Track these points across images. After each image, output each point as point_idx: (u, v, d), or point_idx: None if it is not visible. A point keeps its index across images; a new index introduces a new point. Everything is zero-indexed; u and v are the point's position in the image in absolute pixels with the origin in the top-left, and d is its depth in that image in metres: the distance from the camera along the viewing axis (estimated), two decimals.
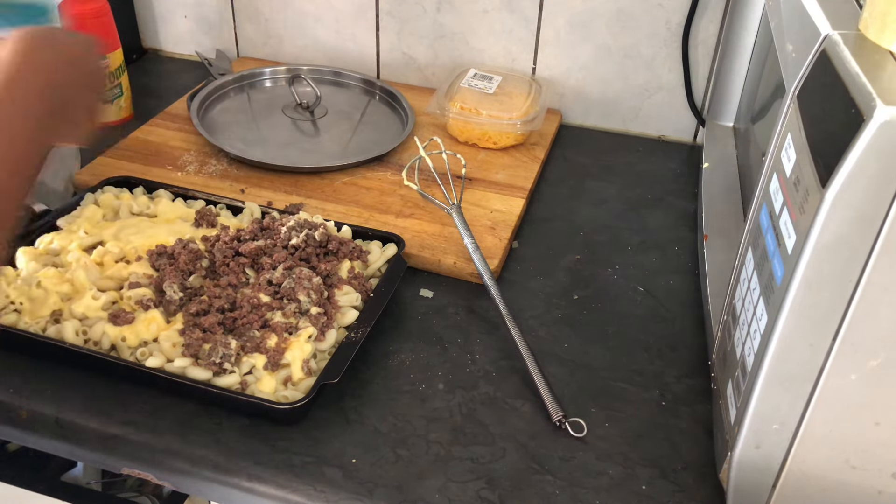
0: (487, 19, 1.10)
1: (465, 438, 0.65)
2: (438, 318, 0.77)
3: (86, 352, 0.66)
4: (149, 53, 1.29)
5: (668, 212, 0.95)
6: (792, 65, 0.56)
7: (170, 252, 0.75)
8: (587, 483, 0.62)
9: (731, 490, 0.58)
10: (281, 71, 1.15)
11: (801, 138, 0.50)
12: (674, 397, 0.70)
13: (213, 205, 0.85)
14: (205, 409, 0.66)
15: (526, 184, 0.96)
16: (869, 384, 0.49)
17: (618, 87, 1.10)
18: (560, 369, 0.72)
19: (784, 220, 0.51)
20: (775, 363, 0.51)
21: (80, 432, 0.65)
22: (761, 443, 0.54)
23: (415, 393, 0.69)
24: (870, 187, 0.43)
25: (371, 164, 0.98)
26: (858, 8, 0.54)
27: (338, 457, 0.63)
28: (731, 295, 0.64)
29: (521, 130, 1.01)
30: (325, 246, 0.77)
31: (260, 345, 0.67)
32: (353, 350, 0.67)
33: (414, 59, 1.17)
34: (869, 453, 0.52)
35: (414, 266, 0.83)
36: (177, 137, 1.01)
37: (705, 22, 1.03)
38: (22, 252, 0.75)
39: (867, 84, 0.44)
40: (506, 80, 1.07)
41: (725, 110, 0.96)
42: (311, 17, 1.18)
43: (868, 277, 0.45)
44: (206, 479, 0.62)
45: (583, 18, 1.06)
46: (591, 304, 0.80)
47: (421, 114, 1.08)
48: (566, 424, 0.66)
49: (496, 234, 0.87)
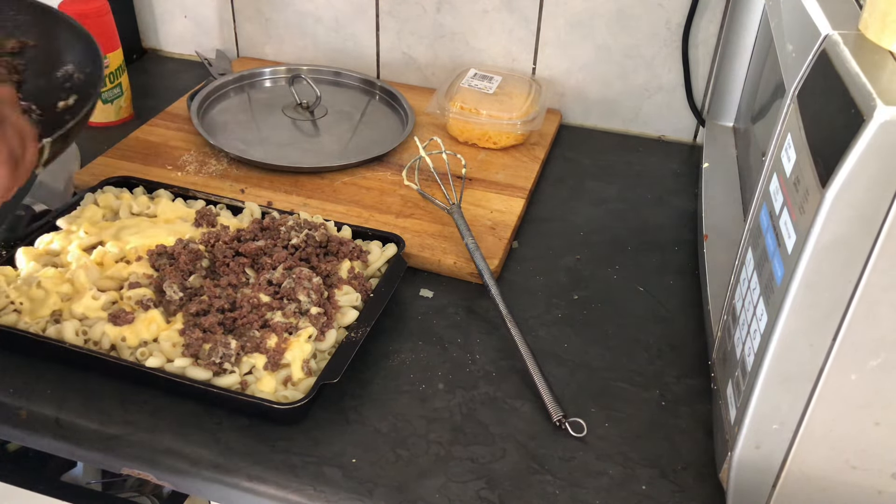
0: (487, 19, 1.10)
1: (465, 438, 0.65)
2: (438, 318, 0.77)
3: (86, 352, 0.66)
4: (149, 53, 1.29)
5: (668, 212, 0.95)
6: (792, 65, 0.56)
7: (170, 252, 0.75)
8: (587, 483, 0.62)
9: (731, 490, 0.58)
10: (281, 71, 1.15)
11: (801, 138, 0.50)
12: (674, 397, 0.70)
13: (213, 205, 0.85)
14: (205, 409, 0.66)
15: (526, 184, 0.96)
16: (869, 384, 0.49)
17: (618, 87, 1.10)
18: (560, 369, 0.72)
19: (784, 220, 0.51)
20: (775, 363, 0.51)
21: (80, 432, 0.65)
22: (761, 443, 0.54)
23: (415, 393, 0.69)
24: (870, 187, 0.43)
25: (371, 164, 0.98)
26: (858, 8, 0.54)
27: (338, 457, 0.63)
28: (731, 295, 0.64)
29: (521, 130, 1.01)
30: (325, 246, 0.77)
31: (260, 345, 0.67)
32: (353, 350, 0.67)
33: (414, 59, 1.17)
34: (869, 453, 0.52)
35: (414, 266, 0.83)
36: (177, 137, 1.01)
37: (705, 22, 1.03)
38: (22, 252, 0.75)
39: (867, 84, 0.44)
40: (506, 80, 1.07)
41: (725, 110, 0.96)
42: (311, 17, 1.18)
43: (868, 277, 0.45)
44: (205, 480, 0.62)
45: (583, 18, 1.06)
46: (591, 304, 0.80)
47: (421, 114, 1.08)
48: (566, 424, 0.66)
49: (496, 234, 0.87)
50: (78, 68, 0.78)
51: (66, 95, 0.76)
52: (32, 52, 0.80)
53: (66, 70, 0.78)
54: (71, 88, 0.77)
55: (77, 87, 0.77)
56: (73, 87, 0.77)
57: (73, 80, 0.78)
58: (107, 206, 0.83)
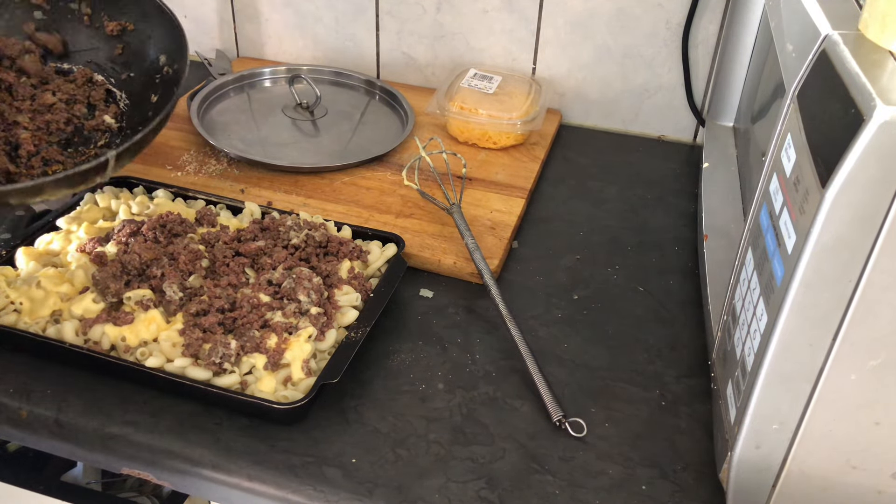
0: (487, 19, 1.10)
1: (465, 438, 0.65)
2: (438, 318, 0.77)
3: (86, 352, 0.66)
4: None
5: (668, 212, 0.95)
6: (792, 65, 0.56)
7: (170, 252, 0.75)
8: (587, 483, 0.62)
9: (731, 490, 0.58)
10: (281, 71, 1.15)
11: (801, 138, 0.50)
12: (674, 397, 0.70)
13: (213, 205, 0.85)
14: (205, 409, 0.66)
15: (526, 184, 0.96)
16: (869, 384, 0.49)
17: (618, 87, 1.10)
18: (560, 369, 0.72)
19: (784, 220, 0.51)
20: (775, 363, 0.51)
21: (80, 432, 0.65)
22: (761, 443, 0.54)
23: (415, 393, 0.69)
24: (870, 187, 0.43)
25: (371, 164, 0.98)
26: (858, 8, 0.54)
27: (338, 457, 0.63)
28: (731, 295, 0.64)
29: (521, 130, 1.01)
30: (325, 246, 0.77)
31: (260, 345, 0.67)
32: (353, 350, 0.67)
33: (414, 59, 1.17)
34: (869, 453, 0.52)
35: (414, 266, 0.83)
36: (177, 137, 1.01)
37: (705, 22, 1.03)
38: (22, 252, 0.75)
39: (867, 84, 0.44)
40: (506, 80, 1.07)
41: (725, 110, 0.97)
42: (311, 17, 1.18)
43: (868, 277, 0.45)
44: (205, 480, 0.62)
45: (583, 18, 1.06)
46: (591, 304, 0.80)
47: (421, 114, 1.08)
48: (566, 424, 0.66)
49: (496, 234, 0.87)
50: (168, 61, 0.74)
51: (158, 90, 0.72)
52: (129, 36, 0.76)
53: (158, 60, 0.74)
54: (159, 83, 0.73)
55: (165, 83, 0.73)
56: (161, 81, 0.73)
57: (164, 75, 0.74)
58: (107, 206, 0.83)
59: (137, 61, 0.76)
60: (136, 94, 0.75)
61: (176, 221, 0.78)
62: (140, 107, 0.71)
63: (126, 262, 0.71)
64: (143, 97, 0.74)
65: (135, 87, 0.75)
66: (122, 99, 0.72)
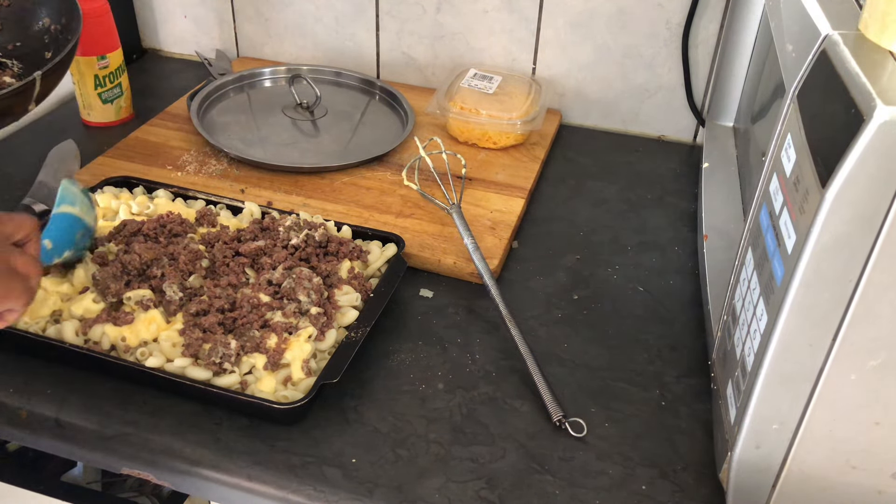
0: (487, 19, 1.10)
1: (465, 438, 0.65)
2: (438, 318, 0.77)
3: (86, 352, 0.66)
4: (149, 53, 1.29)
5: (668, 212, 0.95)
6: (792, 65, 0.56)
7: (170, 252, 0.75)
8: (587, 483, 0.62)
9: (731, 490, 0.58)
10: (281, 71, 1.15)
11: (801, 138, 0.50)
12: (674, 397, 0.70)
13: (213, 205, 0.85)
14: (205, 409, 0.66)
15: (526, 184, 0.96)
16: (869, 384, 0.49)
17: (618, 87, 1.10)
18: (560, 369, 0.72)
19: (784, 220, 0.51)
20: (775, 363, 0.51)
21: (80, 432, 0.65)
22: (761, 443, 0.54)
23: (415, 393, 0.69)
24: (870, 187, 0.43)
25: (371, 164, 0.98)
26: (858, 8, 0.54)
27: (338, 457, 0.63)
28: (731, 295, 0.64)
29: (521, 130, 1.01)
30: (325, 246, 0.77)
31: (260, 345, 0.67)
32: (353, 350, 0.67)
33: (414, 59, 1.17)
34: (869, 453, 0.52)
35: (414, 266, 0.83)
36: (177, 137, 1.01)
37: (705, 22, 1.03)
38: None
39: (867, 84, 0.44)
40: (506, 80, 1.07)
41: (725, 110, 0.96)
42: (311, 17, 1.18)
43: (868, 277, 0.45)
44: (205, 480, 0.62)
45: (583, 18, 1.06)
46: (591, 304, 0.80)
47: (421, 114, 1.08)
48: (566, 424, 0.66)
49: (496, 234, 0.87)
50: (53, 20, 0.80)
51: (50, 48, 0.79)
52: (5, 11, 0.82)
53: (42, 24, 0.80)
54: (50, 41, 0.79)
55: (56, 38, 0.80)
56: (51, 39, 0.80)
57: (51, 32, 0.80)
58: (107, 206, 0.83)
59: (20, 30, 0.82)
60: (27, 56, 0.81)
61: (176, 221, 0.78)
62: (38, 66, 0.76)
63: (126, 262, 0.72)
64: (37, 58, 0.80)
65: (25, 51, 0.81)
66: (15, 65, 0.77)
